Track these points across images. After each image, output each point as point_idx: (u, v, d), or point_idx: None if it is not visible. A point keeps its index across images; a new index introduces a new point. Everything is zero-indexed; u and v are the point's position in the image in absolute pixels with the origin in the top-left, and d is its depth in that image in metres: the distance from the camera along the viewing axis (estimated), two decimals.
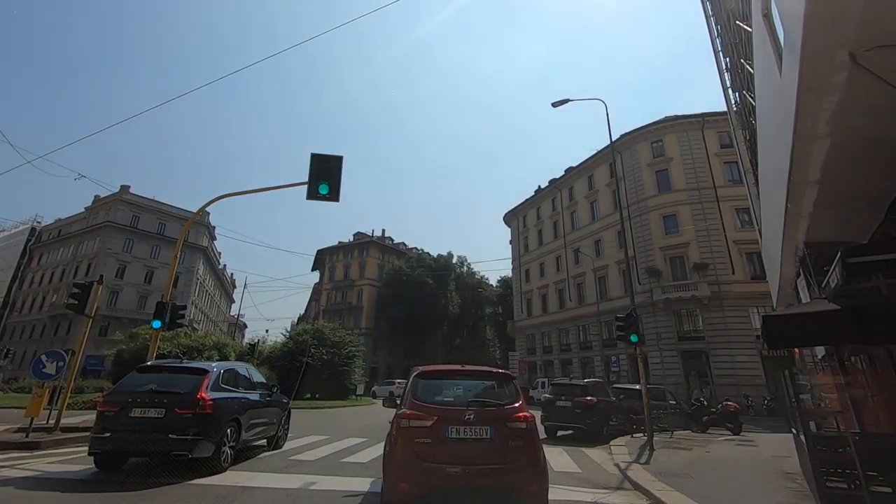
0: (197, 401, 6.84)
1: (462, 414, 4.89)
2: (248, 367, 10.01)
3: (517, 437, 4.90)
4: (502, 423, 4.92)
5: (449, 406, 5.08)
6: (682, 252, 32.97)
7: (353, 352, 30.75)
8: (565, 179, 45.26)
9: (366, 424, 15.55)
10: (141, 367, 7.79)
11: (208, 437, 6.78)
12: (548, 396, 13.78)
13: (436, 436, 4.75)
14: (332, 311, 66.66)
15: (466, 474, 4.59)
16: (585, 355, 39.69)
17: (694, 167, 34.08)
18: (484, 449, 4.77)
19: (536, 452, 4.97)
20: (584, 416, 12.76)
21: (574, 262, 42.61)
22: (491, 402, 5.23)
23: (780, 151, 7.28)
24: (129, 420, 6.63)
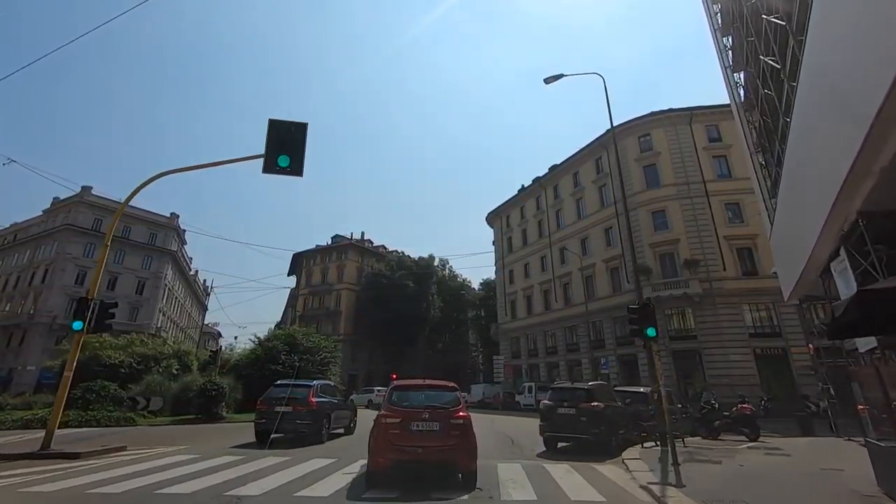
0: (310, 402, 12.39)
1: (421, 414, 7.35)
2: (332, 383, 17.43)
3: (457, 429, 7.36)
4: (447, 420, 7.36)
5: (413, 408, 7.51)
6: (671, 249, 31.80)
7: (329, 358, 28.50)
8: (550, 177, 43.96)
9: (338, 440, 13.50)
10: (277, 383, 13.89)
11: (316, 424, 12.36)
12: (547, 403, 12.00)
13: (403, 428, 7.21)
14: (310, 316, 63.90)
15: (423, 452, 7.08)
16: (572, 358, 38.20)
17: (682, 162, 33.07)
18: (435, 436, 7.20)
19: (470, 439, 7.42)
20: (590, 424, 11.01)
21: (560, 261, 41.21)
22: (440, 407, 7.59)
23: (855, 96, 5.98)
24: (274, 413, 11.82)
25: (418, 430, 7.28)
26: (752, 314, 29.28)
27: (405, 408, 7.59)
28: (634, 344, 32.23)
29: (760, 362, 28.09)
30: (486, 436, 15.20)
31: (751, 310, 29.34)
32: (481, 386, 42.77)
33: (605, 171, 37.58)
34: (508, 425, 20.02)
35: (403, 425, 7.30)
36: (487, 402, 39.30)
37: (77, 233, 52.91)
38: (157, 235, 61.96)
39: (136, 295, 58.11)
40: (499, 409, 36.82)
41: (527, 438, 14.36)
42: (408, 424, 7.30)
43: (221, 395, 20.60)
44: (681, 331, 30.53)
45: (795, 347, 27.79)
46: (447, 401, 7.85)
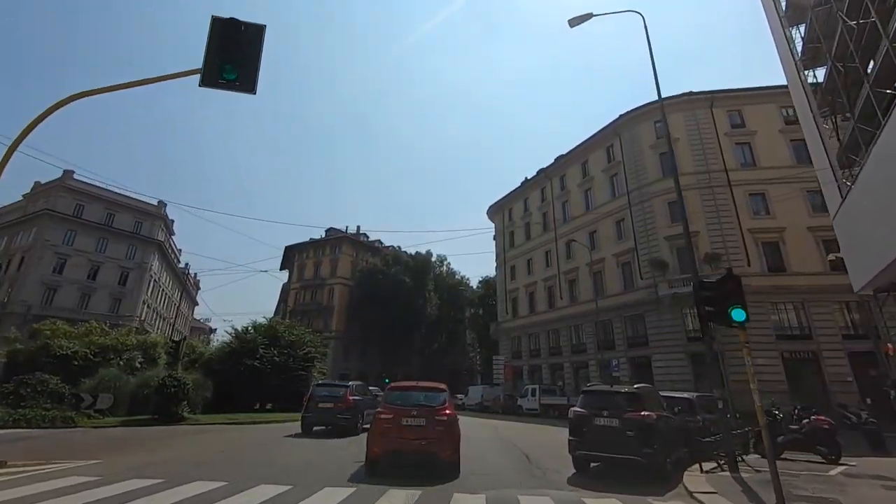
0: (347, 399, 14.88)
1: (411, 411, 8.50)
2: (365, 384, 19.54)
3: (441, 425, 8.34)
4: (432, 417, 8.40)
5: (404, 406, 8.67)
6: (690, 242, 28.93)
7: (313, 353, 25.49)
8: (556, 167, 41.12)
9: (303, 456, 10.49)
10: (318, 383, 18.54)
11: (354, 418, 14.69)
12: (579, 412, 9.05)
13: (395, 423, 8.33)
14: (301, 311, 60.80)
15: (411, 444, 8.21)
16: (578, 359, 35.30)
17: (703, 148, 30.28)
18: (421, 430, 8.29)
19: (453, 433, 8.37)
20: (640, 441, 8.10)
21: (566, 256, 38.32)
22: (427, 405, 8.68)
23: None
24: (319, 408, 14.78)
25: (407, 425, 8.24)
26: (779, 314, 26.48)
27: (398, 406, 8.64)
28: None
29: (788, 367, 25.27)
30: (493, 450, 12.26)
31: (777, 309, 26.54)
32: (480, 388, 39.78)
33: (616, 159, 34.76)
34: (516, 434, 17.08)
35: (395, 421, 8.27)
36: (486, 405, 36.34)
37: (57, 219, 49.79)
38: (142, 224, 58.81)
39: (119, 286, 54.95)
40: (499, 412, 33.88)
41: (545, 454, 11.47)
42: (399, 420, 8.28)
43: (183, 393, 17.57)
44: (699, 331, 27.60)
45: (828, 351, 25.04)
46: (435, 400, 8.81)
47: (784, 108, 30.21)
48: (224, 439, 13.34)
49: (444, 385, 9.53)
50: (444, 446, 8.11)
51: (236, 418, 19.10)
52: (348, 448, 11.55)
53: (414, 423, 8.24)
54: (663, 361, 28.22)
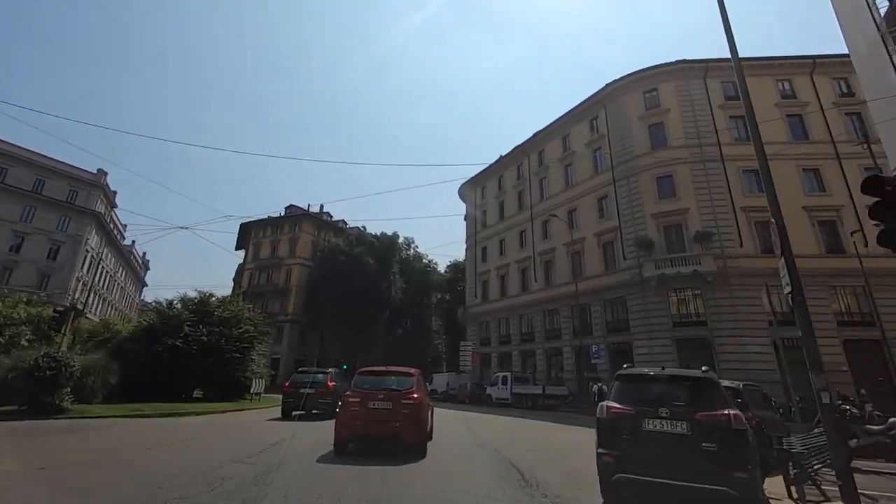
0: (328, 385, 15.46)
1: (377, 395, 8.45)
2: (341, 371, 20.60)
3: (407, 408, 8.32)
4: (399, 400, 8.38)
5: (371, 390, 8.61)
6: (679, 220, 26.36)
7: (252, 332, 21.23)
8: (534, 142, 37.90)
9: (199, 463, 6.70)
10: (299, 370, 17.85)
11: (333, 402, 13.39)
12: (619, 409, 5.55)
13: (363, 406, 8.33)
14: (255, 293, 55.59)
15: (377, 426, 8.22)
16: (552, 346, 32.43)
17: (695, 120, 27.66)
18: (388, 413, 8.22)
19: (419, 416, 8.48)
20: (728, 460, 4.71)
21: (542, 236, 35.29)
22: (394, 389, 8.66)
23: None
24: (299, 393, 14.70)
25: (374, 408, 8.26)
26: (771, 298, 24.17)
27: (366, 390, 8.65)
28: (630, 330, 26.80)
29: (781, 354, 22.99)
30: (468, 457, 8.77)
31: (769, 293, 24.22)
32: (445, 376, 36.44)
33: (600, 131, 31.81)
34: (492, 430, 13.73)
35: (362, 404, 8.32)
36: (452, 393, 33.03)
37: None
38: (77, 193, 52.13)
39: (48, 260, 48.47)
40: (466, 402, 30.60)
41: (540, 464, 8.11)
42: (366, 403, 8.32)
43: (64, 378, 13.20)
44: (687, 316, 25.14)
45: (823, 339, 22.88)
46: (403, 384, 8.85)
47: (780, 81, 27.95)
48: (93, 444, 9.29)
49: (416, 370, 9.63)
50: (410, 429, 8.16)
51: (140, 410, 14.85)
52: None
53: (380, 406, 8.26)
54: (646, 348, 25.59)
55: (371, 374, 9.28)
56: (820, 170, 25.72)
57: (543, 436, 12.80)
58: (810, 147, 26.27)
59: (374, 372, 9.41)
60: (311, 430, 11.73)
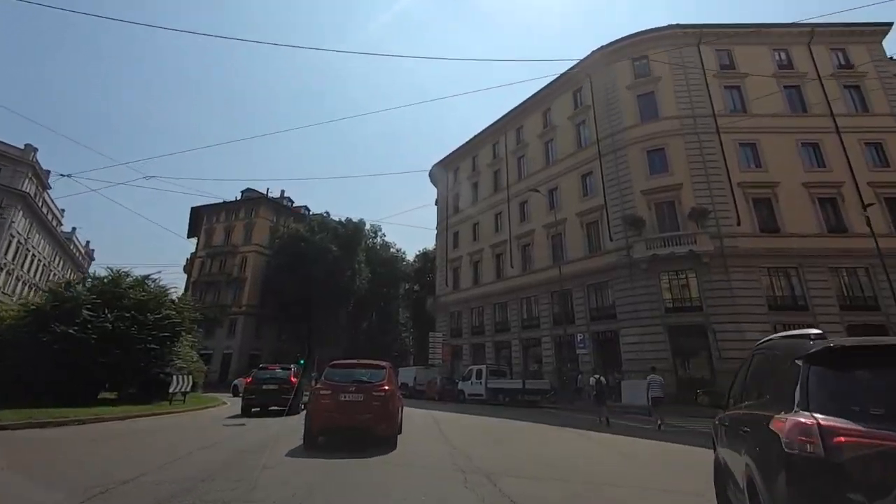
0: (291, 382, 14.78)
1: (349, 387, 8.20)
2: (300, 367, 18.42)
3: (378, 400, 8.06)
4: (370, 392, 8.11)
5: (342, 382, 8.35)
6: (672, 196, 23.76)
7: (174, 319, 16.89)
8: (512, 118, 34.80)
9: None
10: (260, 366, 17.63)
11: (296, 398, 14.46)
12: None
13: (334, 398, 8.02)
14: (206, 283, 50.44)
15: (348, 418, 7.91)
16: (530, 336, 29.42)
17: (688, 90, 25.15)
18: (359, 405, 7.96)
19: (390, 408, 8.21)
20: None
21: (520, 218, 32.24)
22: (366, 381, 8.39)
23: None
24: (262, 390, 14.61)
25: (345, 401, 7.97)
26: (772, 281, 21.91)
27: (336, 382, 8.37)
28: (616, 318, 24.07)
29: None
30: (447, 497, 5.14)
31: (771, 275, 21.96)
32: (412, 370, 32.80)
33: (585, 103, 28.97)
34: (472, 438, 10.32)
35: (333, 397, 8.03)
36: (420, 388, 29.51)
37: None
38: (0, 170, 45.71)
39: None
40: (435, 399, 27.16)
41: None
42: (337, 395, 8.03)
43: None
44: (681, 301, 22.54)
45: (825, 324, 20.67)
46: (374, 376, 8.58)
47: (777, 50, 25.81)
48: None
49: (387, 363, 9.53)
50: (381, 421, 7.98)
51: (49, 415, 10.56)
52: None
53: (351, 398, 8.02)
54: (635, 337, 22.86)
55: (342, 366, 9.18)
56: (819, 144, 23.65)
57: (542, 445, 9.52)
58: (809, 120, 24.22)
59: (345, 364, 9.34)
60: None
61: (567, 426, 13.22)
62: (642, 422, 15.26)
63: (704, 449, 8.82)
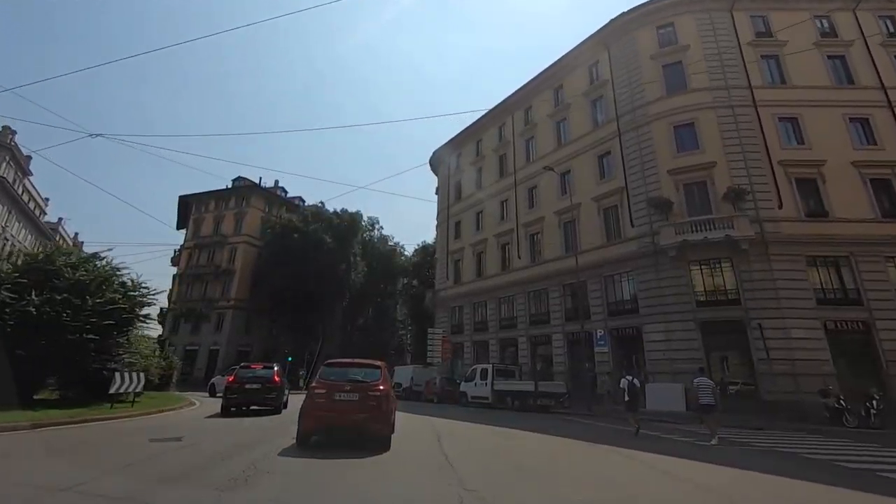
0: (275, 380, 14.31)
1: (343, 386, 8.03)
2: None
3: (373, 400, 7.92)
4: (366, 392, 7.97)
5: (337, 381, 8.18)
6: (703, 176, 20.98)
7: (120, 304, 13.97)
8: (519, 98, 32.00)
9: None
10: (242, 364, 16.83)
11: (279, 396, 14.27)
12: None
13: (328, 397, 7.89)
14: (193, 276, 47.58)
15: (342, 418, 7.78)
16: (539, 332, 26.62)
17: (720, 59, 22.39)
18: (353, 405, 7.82)
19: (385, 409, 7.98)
20: None
21: (528, 204, 29.45)
22: (361, 381, 8.24)
23: None
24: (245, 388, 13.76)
25: (340, 400, 7.84)
26: (819, 271, 19.12)
27: (332, 381, 8.19)
28: (638, 312, 21.30)
29: (833, 342, 17.92)
30: None
31: (818, 265, 19.17)
32: (409, 369, 29.91)
33: (602, 77, 26.19)
34: (487, 463, 7.54)
35: (328, 395, 7.90)
36: (417, 389, 26.71)
37: None
38: None
39: None
40: (434, 401, 24.40)
41: None
42: (332, 395, 7.89)
43: None
44: (715, 293, 19.74)
45: (883, 320, 17.92)
46: (370, 376, 8.46)
47: (819, 17, 23.03)
48: None
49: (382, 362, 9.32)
50: (376, 422, 7.86)
51: None
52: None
53: (346, 398, 7.88)
54: (661, 334, 20.08)
55: (338, 365, 8.98)
56: (870, 120, 20.88)
57: (588, 478, 6.67)
58: (856, 93, 21.45)
59: (340, 363, 9.13)
60: None
61: (600, 441, 10.38)
62: (683, 433, 12.49)
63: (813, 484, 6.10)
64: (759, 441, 11.37)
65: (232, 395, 13.67)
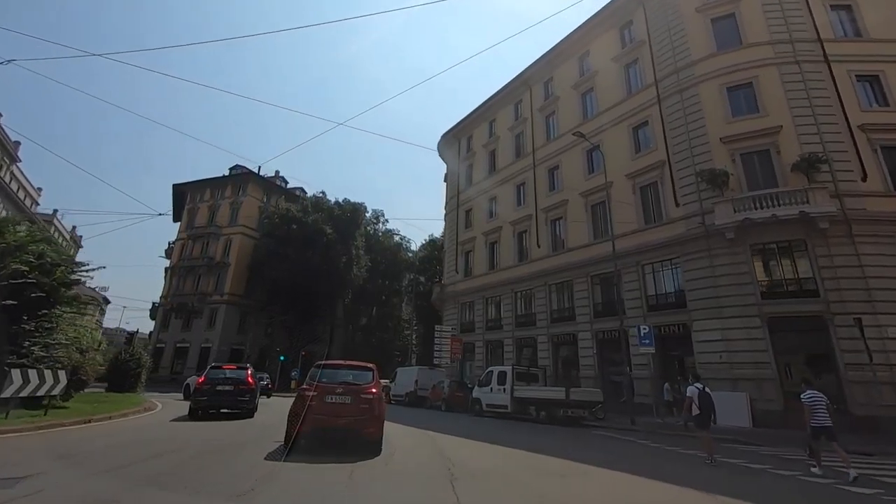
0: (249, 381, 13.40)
1: (336, 388, 7.96)
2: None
3: (366, 402, 7.89)
4: (358, 394, 7.93)
5: (330, 383, 8.07)
6: (766, 144, 17.48)
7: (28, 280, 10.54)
8: (538, 70, 28.62)
9: None
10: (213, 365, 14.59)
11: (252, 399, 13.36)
12: None
13: (320, 399, 7.73)
14: (185, 268, 44.65)
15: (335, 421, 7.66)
16: (561, 330, 23.19)
17: (781, 9, 18.88)
18: (346, 408, 7.78)
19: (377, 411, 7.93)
20: None
21: (548, 186, 26.07)
22: (353, 383, 8.21)
23: None
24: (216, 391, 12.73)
25: (332, 402, 7.76)
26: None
27: (323, 383, 8.05)
28: (685, 307, 17.87)
29: None
30: None
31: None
32: (413, 370, 26.28)
33: (637, 39, 22.77)
34: None
35: (320, 397, 7.73)
36: (423, 395, 23.33)
37: None
38: None
39: None
40: (441, 408, 21.08)
41: None
42: (323, 397, 7.76)
43: None
44: (785, 284, 16.21)
45: None
46: (362, 378, 8.43)
47: None
48: None
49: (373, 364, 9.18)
50: (368, 424, 7.77)
51: None
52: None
53: (338, 400, 7.82)
54: (716, 332, 16.59)
55: (330, 366, 8.82)
56: None
57: None
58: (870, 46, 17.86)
59: (332, 365, 9.02)
60: None
61: (700, 485, 6.90)
62: (776, 461, 9.07)
63: None
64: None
65: (201, 397, 12.69)
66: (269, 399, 23.28)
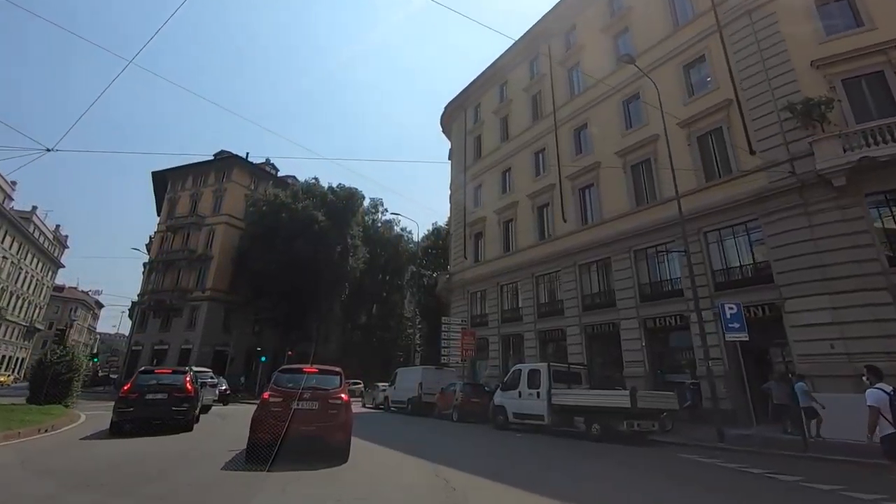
0: (187, 388, 11.08)
1: (302, 394, 7.47)
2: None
3: (334, 408, 7.54)
4: (326, 400, 7.57)
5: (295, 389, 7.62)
6: (878, 64, 13.19)
7: None
8: (556, 19, 24.36)
9: None
10: (143, 369, 12.24)
11: (191, 409, 11.13)
12: None
13: (285, 406, 7.29)
14: (165, 262, 40.42)
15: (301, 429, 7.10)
16: (596, 320, 18.89)
17: None
18: (313, 414, 7.36)
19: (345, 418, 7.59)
20: None
21: (574, 150, 21.80)
22: (320, 388, 7.78)
23: None
24: (145, 400, 10.41)
25: (298, 409, 7.33)
26: None
27: (289, 388, 7.71)
28: (772, 281, 13.56)
29: None
30: None
31: None
32: (417, 371, 21.61)
33: None
34: None
35: (285, 404, 7.35)
36: (428, 400, 18.95)
37: None
38: None
39: None
40: (452, 419, 16.79)
41: None
42: (289, 403, 7.36)
43: None
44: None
45: None
46: (329, 383, 8.04)
47: None
48: None
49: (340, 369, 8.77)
50: (335, 431, 7.47)
51: None
52: None
53: (306, 406, 7.40)
54: (822, 314, 12.26)
55: (293, 371, 8.44)
56: None
57: None
58: None
59: (296, 369, 8.56)
60: None
61: None
62: None
63: None
64: None
65: (126, 408, 10.32)
66: (225, 406, 19.39)
